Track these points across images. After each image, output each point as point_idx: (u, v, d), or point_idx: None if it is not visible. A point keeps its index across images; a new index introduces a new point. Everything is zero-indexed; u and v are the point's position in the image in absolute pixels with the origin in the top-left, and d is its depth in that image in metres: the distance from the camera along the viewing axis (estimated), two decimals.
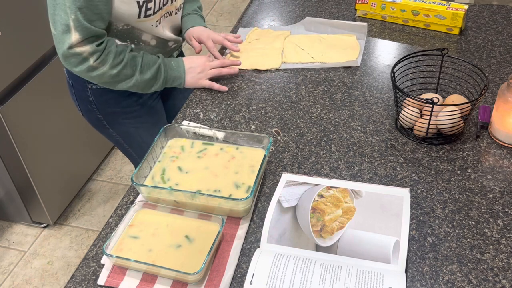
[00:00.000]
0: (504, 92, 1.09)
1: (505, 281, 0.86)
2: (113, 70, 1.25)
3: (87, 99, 1.41)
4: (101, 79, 1.27)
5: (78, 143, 2.27)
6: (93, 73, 1.25)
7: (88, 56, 1.21)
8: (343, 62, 1.42)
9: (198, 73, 1.36)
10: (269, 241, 0.92)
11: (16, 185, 2.03)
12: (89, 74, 1.25)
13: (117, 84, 1.29)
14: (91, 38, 1.20)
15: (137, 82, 1.29)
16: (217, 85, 1.36)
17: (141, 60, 1.29)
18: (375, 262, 0.87)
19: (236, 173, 1.05)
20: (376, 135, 1.18)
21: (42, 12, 1.92)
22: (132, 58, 1.28)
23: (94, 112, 1.44)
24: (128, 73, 1.28)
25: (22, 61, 1.88)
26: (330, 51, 1.47)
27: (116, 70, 1.25)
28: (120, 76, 1.27)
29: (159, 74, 1.32)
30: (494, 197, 1.01)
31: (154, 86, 1.33)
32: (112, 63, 1.24)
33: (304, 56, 1.45)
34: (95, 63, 1.23)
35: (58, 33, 1.20)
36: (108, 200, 2.34)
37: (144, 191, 1.01)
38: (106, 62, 1.24)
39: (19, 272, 2.03)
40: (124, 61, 1.26)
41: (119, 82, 1.28)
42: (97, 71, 1.24)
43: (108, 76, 1.26)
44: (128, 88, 1.31)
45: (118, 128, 1.47)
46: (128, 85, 1.29)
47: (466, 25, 1.57)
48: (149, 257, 0.91)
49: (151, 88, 1.33)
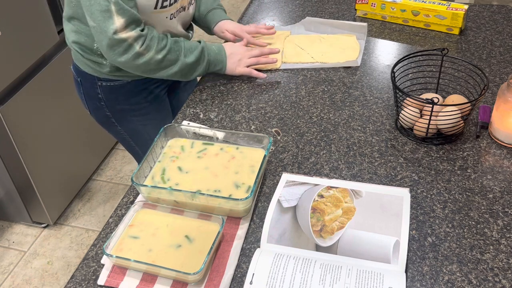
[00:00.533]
0: (504, 92, 1.09)
1: (505, 281, 0.86)
2: (159, 55, 1.24)
3: (96, 97, 1.41)
4: (147, 67, 1.26)
5: (78, 143, 2.27)
6: (139, 61, 1.23)
7: (133, 42, 1.20)
8: (343, 62, 1.42)
9: (238, 60, 1.37)
10: (269, 241, 0.92)
11: (16, 185, 2.03)
12: (135, 63, 1.24)
13: (161, 71, 1.28)
14: (133, 23, 1.20)
15: (182, 66, 1.29)
16: (256, 72, 1.38)
17: (183, 44, 1.29)
18: (375, 262, 0.87)
19: (236, 173, 1.05)
20: (376, 135, 1.18)
21: (42, 12, 1.92)
22: (175, 43, 1.28)
23: (103, 110, 1.44)
24: (172, 58, 1.27)
25: (22, 61, 1.88)
26: (330, 51, 1.47)
27: (161, 55, 1.25)
28: (165, 61, 1.26)
29: (203, 57, 1.32)
30: (494, 197, 1.01)
31: (197, 71, 1.33)
32: (157, 48, 1.24)
33: (304, 56, 1.45)
34: (141, 49, 1.22)
35: (99, 23, 1.18)
36: (108, 200, 2.34)
37: (144, 191, 1.01)
38: (151, 47, 1.23)
39: (19, 272, 2.03)
40: (168, 45, 1.26)
41: (164, 69, 1.28)
42: (143, 58, 1.23)
43: (154, 62, 1.25)
44: (172, 76, 1.30)
45: (126, 126, 1.48)
46: (173, 70, 1.29)
47: (466, 25, 1.57)
48: (149, 257, 0.91)
49: (194, 73, 1.33)
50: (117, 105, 1.43)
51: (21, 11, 1.82)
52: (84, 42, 1.32)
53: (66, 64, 2.10)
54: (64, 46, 2.09)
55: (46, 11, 1.94)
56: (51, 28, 1.98)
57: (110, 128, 1.51)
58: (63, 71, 2.09)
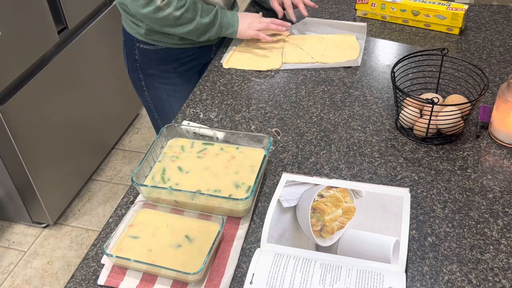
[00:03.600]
0: (504, 92, 1.09)
1: (505, 281, 0.86)
2: (177, 12, 1.34)
3: (133, 57, 1.53)
4: (165, 21, 1.36)
5: (78, 143, 2.27)
6: (159, 15, 1.34)
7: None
8: (343, 62, 1.42)
9: (249, 23, 1.45)
10: (269, 241, 0.92)
11: (16, 185, 2.03)
12: (155, 16, 1.34)
13: (178, 27, 1.38)
14: None
15: (197, 25, 1.38)
16: (263, 35, 1.46)
17: (201, 6, 1.39)
18: (375, 262, 0.87)
19: (236, 173, 1.05)
20: (376, 135, 1.18)
21: (42, 12, 1.92)
22: (193, 3, 1.37)
23: (137, 71, 1.55)
24: (189, 17, 1.37)
25: (22, 61, 1.88)
26: (330, 51, 1.47)
27: (179, 12, 1.34)
28: (182, 19, 1.36)
29: (216, 19, 1.41)
30: (494, 197, 1.01)
31: (210, 32, 1.42)
32: (176, 5, 1.33)
33: (304, 56, 1.45)
34: (162, 3, 1.32)
35: None
36: (108, 200, 2.34)
37: (144, 191, 1.01)
38: (171, 3, 1.33)
39: (19, 272, 2.03)
40: (186, 4, 1.35)
41: (180, 25, 1.38)
42: (162, 12, 1.33)
43: (172, 18, 1.35)
44: (186, 33, 1.40)
45: (154, 92, 1.57)
46: (188, 28, 1.38)
47: (466, 25, 1.57)
48: (149, 257, 0.91)
49: (206, 34, 1.42)
50: (149, 69, 1.53)
51: (21, 11, 1.82)
52: (124, 1, 1.39)
53: (67, 63, 2.11)
54: (64, 46, 2.09)
55: (46, 11, 1.94)
56: (51, 28, 1.98)
57: (140, 93, 1.61)
58: (63, 71, 2.10)
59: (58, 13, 2.02)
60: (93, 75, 2.31)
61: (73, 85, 2.18)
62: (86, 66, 2.25)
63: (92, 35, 2.25)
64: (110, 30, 2.36)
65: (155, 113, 1.63)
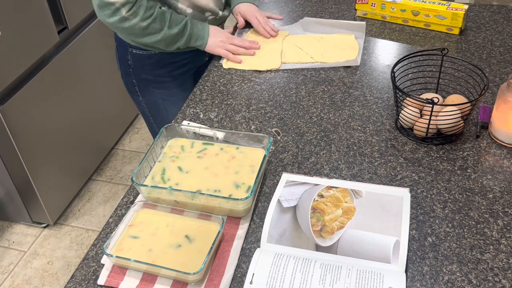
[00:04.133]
0: (504, 92, 1.09)
1: (505, 281, 0.86)
2: (143, 23, 1.33)
3: (126, 63, 1.52)
4: (131, 31, 1.35)
5: (78, 143, 2.27)
6: (124, 24, 1.33)
7: (120, 6, 1.29)
8: (342, 62, 1.42)
9: (220, 41, 1.45)
10: (269, 241, 0.92)
11: (16, 185, 2.03)
12: (121, 25, 1.33)
13: (145, 37, 1.37)
14: None
15: (165, 36, 1.37)
16: (232, 56, 1.46)
17: (170, 16, 1.37)
18: (375, 262, 0.87)
19: (236, 173, 1.05)
20: (376, 135, 1.18)
21: (42, 12, 1.92)
22: (161, 13, 1.36)
23: (131, 76, 1.54)
24: (157, 27, 1.35)
25: (22, 61, 1.88)
26: (329, 50, 1.47)
27: (146, 22, 1.33)
28: (149, 29, 1.35)
29: (185, 30, 1.40)
30: (494, 197, 1.01)
31: (178, 42, 1.41)
32: (143, 15, 1.32)
33: (304, 56, 1.45)
34: (127, 14, 1.31)
35: None
36: (108, 200, 2.34)
37: (144, 191, 1.01)
38: (137, 14, 1.31)
39: (19, 272, 2.03)
40: (154, 15, 1.34)
41: (147, 35, 1.36)
42: (128, 22, 1.32)
43: (138, 28, 1.34)
44: (155, 43, 1.39)
45: (148, 97, 1.56)
46: (156, 39, 1.37)
47: (466, 25, 1.57)
48: (149, 257, 0.91)
49: (175, 44, 1.41)
50: (142, 74, 1.52)
51: (21, 11, 1.82)
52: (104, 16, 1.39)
53: (67, 63, 2.11)
54: (64, 46, 2.09)
55: (46, 11, 1.94)
56: (51, 28, 1.98)
57: (134, 97, 1.60)
58: (63, 71, 2.10)
59: (58, 13, 2.02)
60: (93, 75, 2.31)
61: (73, 85, 2.18)
62: (86, 66, 2.25)
63: (92, 35, 2.25)
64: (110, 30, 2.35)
65: (150, 118, 1.62)
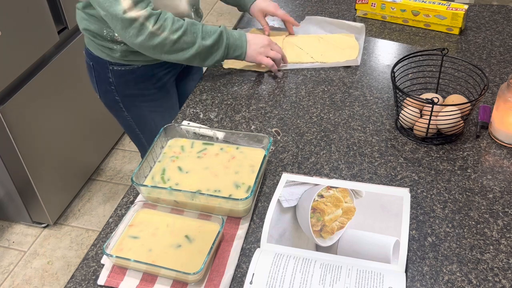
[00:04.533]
0: (504, 92, 1.09)
1: (505, 281, 0.86)
2: (174, 35, 1.23)
3: (107, 80, 1.44)
4: (163, 48, 1.24)
5: (78, 143, 2.27)
6: (154, 41, 1.22)
7: (144, 21, 1.20)
8: (343, 62, 1.42)
9: (260, 47, 1.35)
10: (269, 241, 0.92)
11: (16, 185, 2.03)
12: (150, 43, 1.23)
13: (179, 52, 1.27)
14: (140, 1, 1.19)
15: (199, 49, 1.27)
16: (276, 67, 1.38)
17: (201, 27, 1.27)
18: (375, 262, 0.87)
19: (236, 173, 1.05)
20: (376, 135, 1.18)
21: (42, 12, 1.92)
22: (192, 24, 1.26)
23: (112, 94, 1.46)
24: (189, 40, 1.25)
25: (22, 61, 1.88)
26: (329, 50, 1.47)
27: (176, 35, 1.23)
28: (181, 43, 1.25)
29: (222, 41, 1.30)
30: (494, 197, 1.01)
31: (215, 55, 1.30)
32: (171, 28, 1.22)
33: (304, 56, 1.45)
34: (154, 28, 1.21)
35: (107, 8, 1.19)
36: (108, 200, 2.34)
37: (144, 191, 1.01)
38: (165, 27, 1.22)
39: (19, 272, 2.03)
40: (184, 26, 1.24)
41: (181, 51, 1.26)
42: (158, 38, 1.22)
43: (169, 42, 1.23)
44: (191, 59, 1.28)
45: (134, 111, 1.50)
46: (191, 53, 1.27)
47: (466, 25, 1.57)
48: (149, 257, 0.91)
49: (213, 57, 1.31)
50: (126, 90, 1.45)
51: (21, 11, 1.82)
52: (94, 29, 1.34)
53: (67, 64, 2.11)
54: (64, 46, 2.09)
55: (46, 11, 1.94)
56: (51, 28, 1.98)
57: (117, 114, 1.53)
58: (63, 71, 2.09)
59: (58, 13, 2.02)
60: None
61: (73, 85, 2.17)
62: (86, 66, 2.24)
63: None
64: None
65: (137, 130, 1.56)
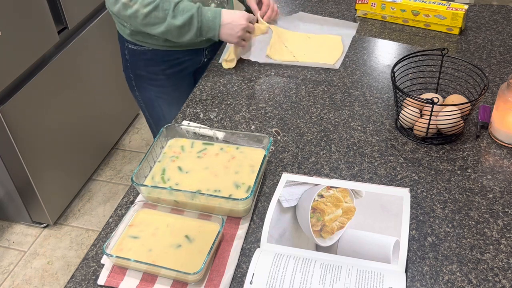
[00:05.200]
0: (504, 92, 1.09)
1: (505, 281, 0.86)
2: (144, 9, 1.27)
3: (124, 56, 1.52)
4: (135, 20, 1.30)
5: (78, 143, 2.27)
6: (127, 12, 1.29)
7: None
8: (321, 63, 1.42)
9: (237, 31, 1.35)
10: (269, 241, 0.92)
11: (16, 185, 2.03)
12: (125, 13, 1.30)
13: (150, 27, 1.31)
14: None
15: (169, 27, 1.30)
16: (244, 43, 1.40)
17: (174, 5, 1.29)
18: (375, 262, 0.87)
19: (236, 173, 1.05)
20: (376, 135, 1.18)
21: (42, 12, 1.92)
22: (165, 1, 1.28)
23: (128, 70, 1.53)
24: (160, 16, 1.28)
25: (22, 61, 1.88)
26: (312, 51, 1.49)
27: (147, 9, 1.27)
28: (152, 17, 1.29)
29: (192, 23, 1.31)
30: (494, 197, 1.01)
31: (187, 35, 1.33)
32: (143, 1, 1.27)
33: (287, 54, 1.47)
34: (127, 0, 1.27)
35: None
36: (108, 200, 2.34)
37: (144, 191, 1.01)
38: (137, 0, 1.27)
39: (19, 272, 2.03)
40: (155, 1, 1.27)
41: (152, 25, 1.31)
42: (130, 9, 1.28)
43: (140, 15, 1.28)
44: (162, 34, 1.32)
45: (143, 93, 1.55)
46: (160, 29, 1.31)
47: (466, 25, 1.57)
48: (149, 257, 0.91)
49: (184, 36, 1.33)
50: (137, 70, 1.50)
51: (21, 11, 1.82)
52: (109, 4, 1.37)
53: (67, 63, 2.11)
54: (64, 46, 2.09)
55: (46, 11, 1.94)
56: (51, 28, 1.98)
57: (132, 92, 1.59)
58: (63, 71, 2.10)
59: (58, 13, 2.02)
60: (93, 75, 2.31)
61: (73, 85, 2.17)
62: (86, 66, 2.25)
63: (92, 35, 2.25)
64: (110, 30, 2.36)
65: (147, 113, 1.61)
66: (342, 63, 1.44)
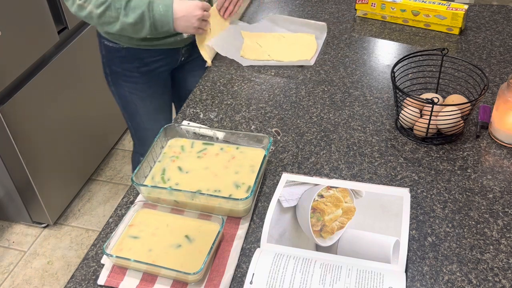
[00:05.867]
0: (504, 92, 1.09)
1: (505, 281, 0.86)
2: (98, 10, 1.28)
3: (101, 52, 1.52)
4: (91, 20, 1.32)
5: (78, 143, 2.27)
6: (82, 13, 1.30)
7: None
8: (296, 61, 1.43)
9: (192, 21, 1.34)
10: (269, 241, 0.92)
11: (16, 185, 2.03)
12: (81, 14, 1.31)
13: (106, 26, 1.32)
14: None
15: (123, 25, 1.31)
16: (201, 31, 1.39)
17: (125, 3, 1.28)
18: (375, 262, 0.87)
19: (236, 173, 1.05)
20: (376, 135, 1.18)
21: (42, 12, 1.92)
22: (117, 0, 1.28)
23: (105, 66, 1.54)
24: (113, 15, 1.29)
25: (22, 61, 1.88)
26: (286, 50, 1.50)
27: (100, 9, 1.28)
28: (106, 17, 1.29)
29: (144, 19, 1.30)
30: (494, 197, 1.01)
31: (142, 31, 1.33)
32: (96, 2, 1.27)
33: (262, 54, 1.48)
34: (81, 1, 1.28)
35: None
36: (108, 200, 2.34)
37: (144, 191, 1.01)
38: (91, 0, 1.28)
39: (19, 272, 2.03)
40: (108, 1, 1.27)
41: (107, 24, 1.32)
42: (85, 11, 1.29)
43: (95, 15, 1.29)
44: (119, 32, 1.34)
45: (118, 90, 1.55)
46: (116, 28, 1.32)
47: (466, 25, 1.57)
48: (149, 257, 0.91)
49: (140, 33, 1.33)
50: (112, 66, 1.51)
51: (21, 11, 1.82)
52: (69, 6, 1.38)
53: (67, 63, 2.11)
54: (64, 46, 2.09)
55: (46, 11, 1.94)
56: (51, 28, 1.98)
57: (109, 87, 1.59)
58: (63, 71, 2.09)
59: (58, 13, 2.02)
60: (93, 75, 2.31)
61: (73, 85, 2.17)
62: (86, 66, 2.25)
63: (92, 35, 2.24)
64: None
65: (123, 111, 1.60)
66: (343, 63, 1.44)
